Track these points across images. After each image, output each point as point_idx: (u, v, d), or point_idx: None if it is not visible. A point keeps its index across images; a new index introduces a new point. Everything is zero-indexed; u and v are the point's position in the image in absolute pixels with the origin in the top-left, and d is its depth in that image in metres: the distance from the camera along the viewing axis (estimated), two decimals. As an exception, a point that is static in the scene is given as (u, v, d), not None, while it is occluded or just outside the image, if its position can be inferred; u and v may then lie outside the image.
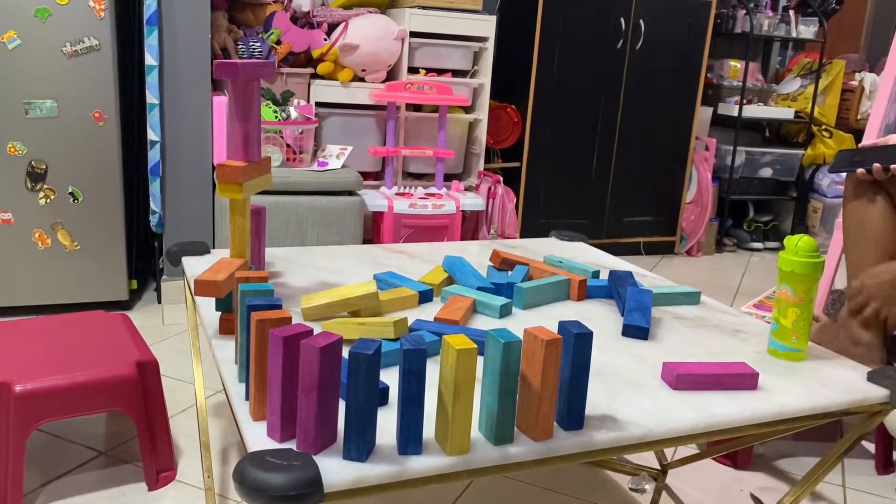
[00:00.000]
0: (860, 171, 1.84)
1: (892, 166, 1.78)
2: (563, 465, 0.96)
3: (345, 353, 0.86)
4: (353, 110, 3.19)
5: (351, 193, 2.87)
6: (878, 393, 1.14)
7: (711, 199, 4.02)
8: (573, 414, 0.94)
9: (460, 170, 3.56)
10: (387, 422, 0.91)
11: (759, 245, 4.35)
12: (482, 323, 1.30)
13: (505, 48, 3.69)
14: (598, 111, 3.75)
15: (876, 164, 1.79)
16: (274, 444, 0.87)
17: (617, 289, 1.46)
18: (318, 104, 3.08)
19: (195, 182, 2.80)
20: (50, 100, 2.48)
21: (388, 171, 3.25)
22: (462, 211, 3.19)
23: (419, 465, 0.85)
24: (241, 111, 1.23)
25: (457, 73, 3.38)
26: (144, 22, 2.59)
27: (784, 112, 4.23)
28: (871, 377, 1.18)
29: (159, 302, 2.85)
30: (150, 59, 2.62)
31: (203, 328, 1.26)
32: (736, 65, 4.22)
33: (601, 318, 1.37)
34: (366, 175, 3.28)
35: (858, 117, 4.35)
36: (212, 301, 1.26)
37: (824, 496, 1.84)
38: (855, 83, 4.41)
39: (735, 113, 4.05)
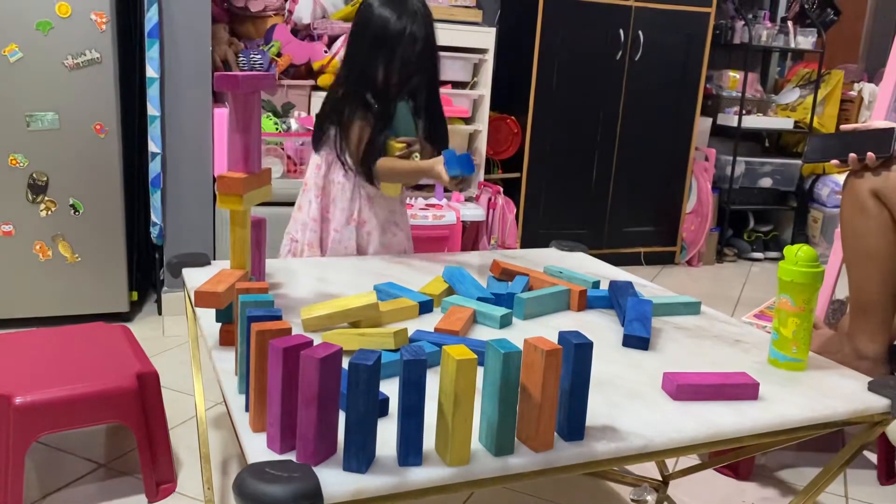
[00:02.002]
0: (834, 161, 1.72)
1: (870, 154, 1.65)
2: (563, 476, 0.96)
3: (345, 364, 0.86)
4: (354, 122, 3.19)
5: (351, 204, 2.87)
6: (879, 403, 1.14)
7: (711, 210, 4.03)
8: (574, 424, 0.94)
9: (460, 181, 3.56)
10: (387, 433, 0.91)
11: (759, 255, 4.35)
12: (482, 333, 1.29)
13: (505, 60, 3.70)
14: (597, 122, 3.76)
15: (851, 155, 1.68)
16: (274, 456, 0.87)
17: (617, 299, 1.46)
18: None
19: (196, 193, 2.80)
20: (51, 112, 2.49)
21: (388, 183, 3.25)
22: (462, 221, 3.19)
23: (419, 476, 0.85)
24: (241, 123, 1.23)
25: (457, 84, 3.39)
26: (145, 35, 2.60)
27: (783, 122, 4.24)
28: (873, 387, 1.17)
29: (160, 313, 2.85)
30: (151, 72, 2.63)
31: (203, 339, 1.26)
32: (735, 75, 4.23)
33: (601, 329, 1.37)
34: (366, 186, 3.29)
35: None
36: (212, 312, 1.26)
37: (827, 507, 1.83)
38: (854, 93, 4.42)
39: (734, 123, 4.06)
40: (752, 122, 4.13)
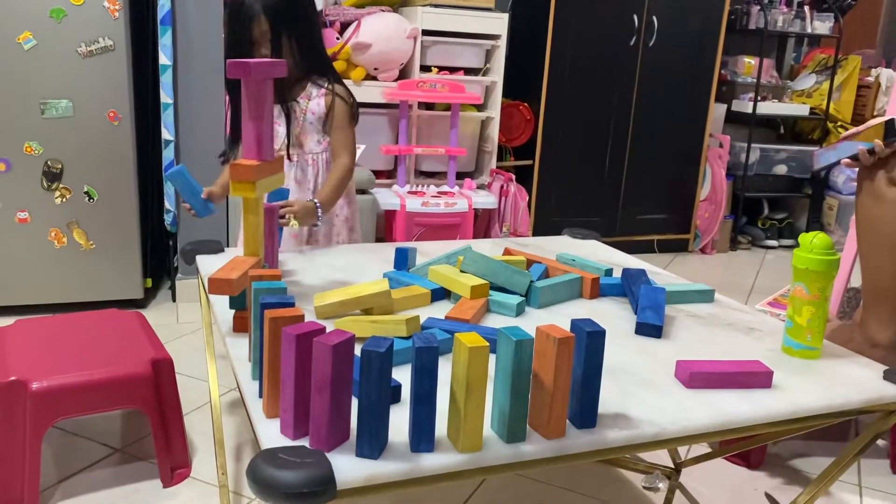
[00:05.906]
0: (845, 160, 1.71)
1: (877, 142, 1.64)
2: (575, 463, 0.96)
3: (357, 350, 0.86)
4: (366, 109, 3.18)
5: (363, 192, 2.87)
6: (893, 391, 1.13)
7: (725, 197, 4.00)
8: (586, 412, 0.94)
9: (472, 168, 3.56)
10: (399, 419, 0.91)
11: (773, 243, 4.32)
12: (495, 321, 1.29)
13: (517, 46, 3.68)
14: (610, 108, 3.74)
15: (860, 148, 1.66)
16: (287, 442, 0.87)
17: (630, 287, 1.45)
18: (330, 103, 3.08)
19: (209, 181, 2.80)
20: (65, 100, 2.50)
21: (400, 170, 3.25)
22: (474, 209, 3.19)
23: (431, 462, 0.85)
24: (254, 110, 1.23)
25: (469, 71, 3.38)
26: (158, 22, 2.60)
27: (799, 109, 4.20)
28: (887, 376, 1.17)
29: (174, 300, 2.87)
30: (163, 59, 2.63)
31: (217, 326, 1.27)
32: (750, 61, 4.19)
33: (614, 317, 1.37)
34: (378, 174, 3.28)
35: (875, 113, 4.31)
36: (226, 299, 1.26)
37: (839, 496, 1.83)
38: (871, 79, 4.37)
39: (749, 110, 4.03)
40: (768, 108, 4.09)
